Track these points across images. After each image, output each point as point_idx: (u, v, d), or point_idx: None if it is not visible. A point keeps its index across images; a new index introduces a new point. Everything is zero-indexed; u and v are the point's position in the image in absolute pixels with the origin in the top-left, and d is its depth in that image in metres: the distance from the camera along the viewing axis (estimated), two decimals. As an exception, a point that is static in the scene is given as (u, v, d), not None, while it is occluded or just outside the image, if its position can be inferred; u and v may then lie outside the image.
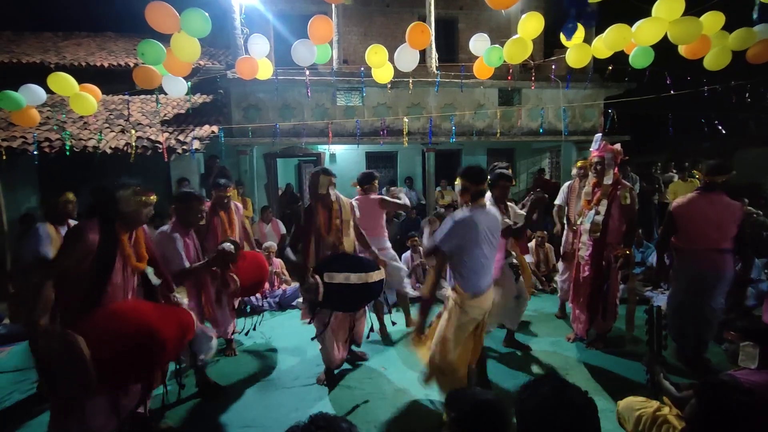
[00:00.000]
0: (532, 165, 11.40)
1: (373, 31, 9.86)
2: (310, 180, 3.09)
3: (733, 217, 3.09)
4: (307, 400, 3.00)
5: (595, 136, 3.65)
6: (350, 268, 2.81)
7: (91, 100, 4.58)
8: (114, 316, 2.02)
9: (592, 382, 3.09)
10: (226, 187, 3.67)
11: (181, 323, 2.21)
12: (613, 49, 4.20)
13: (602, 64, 5.52)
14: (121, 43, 10.63)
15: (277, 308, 5.01)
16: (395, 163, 10.83)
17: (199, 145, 6.66)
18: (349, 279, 2.75)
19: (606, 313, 3.53)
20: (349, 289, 2.77)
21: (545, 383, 1.18)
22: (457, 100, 8.44)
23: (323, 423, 0.90)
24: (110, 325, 1.97)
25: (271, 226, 6.49)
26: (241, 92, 7.72)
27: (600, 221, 3.44)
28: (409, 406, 2.87)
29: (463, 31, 10.15)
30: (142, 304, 2.23)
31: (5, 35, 10.28)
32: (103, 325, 1.97)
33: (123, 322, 1.99)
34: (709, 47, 4.18)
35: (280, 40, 8.25)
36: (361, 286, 2.80)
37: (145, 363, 2.02)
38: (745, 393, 1.33)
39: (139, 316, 2.05)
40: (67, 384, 1.90)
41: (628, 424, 2.30)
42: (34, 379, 3.34)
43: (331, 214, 3.01)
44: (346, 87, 8.11)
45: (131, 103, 7.82)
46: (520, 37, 4.32)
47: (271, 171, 9.23)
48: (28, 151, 5.95)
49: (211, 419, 2.75)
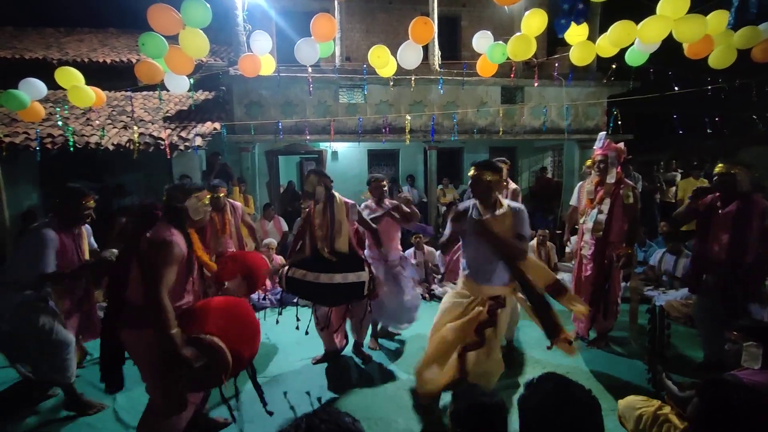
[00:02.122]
0: (534, 164, 11.38)
1: (376, 27, 9.84)
2: (305, 180, 3.25)
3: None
4: (308, 396, 3.01)
5: (599, 135, 3.63)
6: (311, 267, 3.00)
7: (89, 91, 4.55)
8: (234, 317, 2.11)
9: (593, 381, 3.09)
10: (218, 188, 3.63)
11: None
12: (618, 46, 4.18)
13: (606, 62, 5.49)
14: (123, 39, 10.61)
15: (278, 305, 5.01)
16: (397, 161, 10.82)
17: (201, 141, 6.66)
18: (305, 276, 2.96)
19: (607, 312, 3.52)
20: (305, 285, 2.98)
21: (549, 381, 1.18)
22: (460, 97, 8.42)
23: (327, 417, 0.90)
24: (237, 324, 2.08)
25: (273, 224, 6.50)
26: (243, 89, 7.72)
27: (603, 220, 3.43)
28: (410, 403, 2.88)
29: (465, 29, 10.12)
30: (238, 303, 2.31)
31: (7, 31, 10.28)
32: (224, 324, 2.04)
33: (246, 321, 2.15)
34: (713, 46, 4.15)
35: (283, 37, 8.24)
36: (314, 284, 2.96)
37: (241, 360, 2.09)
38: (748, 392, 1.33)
39: (250, 314, 2.21)
40: (201, 381, 1.99)
41: (629, 423, 2.30)
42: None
43: (323, 212, 3.10)
44: (348, 84, 8.10)
45: (133, 99, 7.82)
46: (523, 34, 4.30)
47: (273, 168, 9.23)
48: (31, 147, 5.95)
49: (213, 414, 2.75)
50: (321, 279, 2.96)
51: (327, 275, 2.96)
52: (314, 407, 2.89)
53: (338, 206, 3.10)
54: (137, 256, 2.04)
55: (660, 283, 4.93)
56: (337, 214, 3.08)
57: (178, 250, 2.03)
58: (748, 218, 2.89)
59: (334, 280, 2.95)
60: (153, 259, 1.97)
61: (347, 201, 3.19)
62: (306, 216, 3.26)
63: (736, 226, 2.94)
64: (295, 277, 3.00)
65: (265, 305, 4.92)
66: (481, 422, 1.43)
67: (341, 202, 3.14)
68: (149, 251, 2.00)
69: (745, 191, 2.93)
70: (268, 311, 4.76)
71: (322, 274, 2.96)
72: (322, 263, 3.02)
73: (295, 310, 3.34)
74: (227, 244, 3.73)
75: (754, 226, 2.88)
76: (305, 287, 3.02)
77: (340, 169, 9.80)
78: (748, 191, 2.93)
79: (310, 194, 3.12)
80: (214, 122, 7.22)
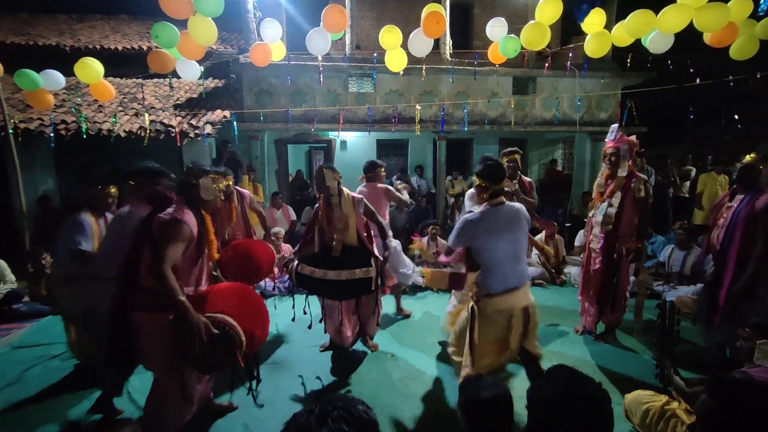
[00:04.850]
0: (545, 156, 11.24)
1: (387, 16, 9.71)
2: (315, 174, 3.25)
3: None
4: (317, 383, 3.06)
5: (611, 127, 3.57)
6: (318, 263, 3.06)
7: (110, 87, 4.68)
8: (244, 297, 2.16)
9: (600, 375, 3.08)
10: (225, 175, 3.64)
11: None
12: (635, 36, 4.06)
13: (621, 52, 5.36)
14: (135, 26, 10.64)
15: (286, 293, 5.07)
16: (406, 152, 10.76)
17: (212, 129, 6.68)
18: (313, 273, 3.03)
19: (615, 306, 3.50)
20: (314, 281, 3.05)
21: (559, 373, 1.18)
22: (471, 88, 8.31)
23: (340, 404, 0.91)
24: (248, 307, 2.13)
25: (282, 212, 6.53)
26: (253, 77, 7.70)
27: (613, 213, 3.39)
28: (415, 391, 2.92)
29: (478, 17, 9.94)
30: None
31: (21, 17, 10.36)
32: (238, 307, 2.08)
33: (256, 302, 2.21)
34: (737, 35, 4.00)
35: (293, 24, 8.18)
36: (322, 280, 3.02)
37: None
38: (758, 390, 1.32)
39: (258, 297, 2.29)
40: (214, 361, 2.01)
41: (636, 418, 2.30)
42: (50, 355, 3.46)
43: (330, 207, 3.13)
44: (358, 73, 8.04)
45: (144, 87, 7.86)
46: (538, 22, 4.20)
47: (282, 157, 9.25)
48: (45, 133, 6.03)
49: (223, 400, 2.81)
50: (328, 276, 2.99)
51: (334, 272, 2.99)
52: (321, 394, 2.94)
53: (345, 200, 3.13)
54: (149, 238, 2.07)
55: (669, 278, 4.87)
56: (345, 208, 3.10)
57: (186, 229, 2.05)
58: (748, 213, 2.85)
59: (341, 277, 2.98)
60: (160, 235, 2.00)
61: (354, 195, 3.22)
62: (315, 210, 3.30)
63: (732, 219, 2.91)
64: (304, 273, 3.06)
65: (273, 293, 4.98)
66: (489, 411, 1.44)
67: (348, 196, 3.16)
68: (158, 229, 2.03)
69: (761, 187, 2.89)
70: (276, 299, 4.82)
71: (330, 271, 3.00)
72: (330, 260, 3.06)
73: (304, 299, 3.38)
74: (234, 232, 3.75)
75: (755, 222, 2.82)
76: (314, 283, 3.07)
77: (349, 158, 9.78)
78: (763, 188, 2.89)
79: (325, 188, 3.14)
80: (223, 110, 7.23)
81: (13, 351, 3.61)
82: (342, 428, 0.86)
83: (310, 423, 0.87)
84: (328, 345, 3.56)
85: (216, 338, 1.93)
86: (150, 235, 2.07)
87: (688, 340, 3.50)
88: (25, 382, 3.08)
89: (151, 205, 2.23)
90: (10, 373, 3.20)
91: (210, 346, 1.91)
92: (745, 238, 2.85)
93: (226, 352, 1.96)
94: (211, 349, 1.92)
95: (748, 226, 2.84)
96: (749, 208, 2.84)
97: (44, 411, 2.72)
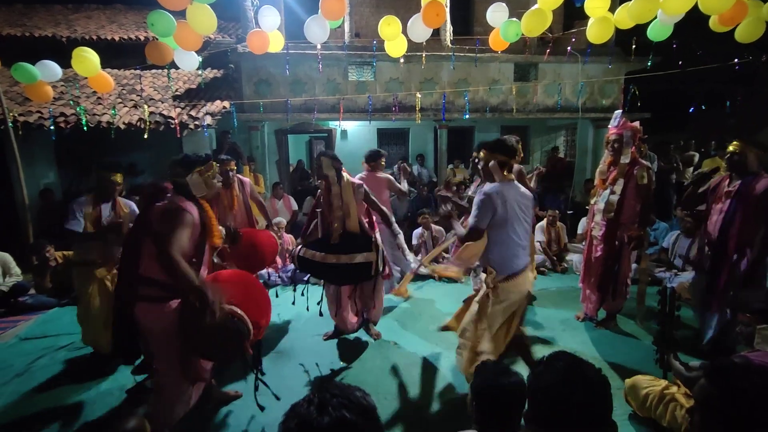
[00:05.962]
0: (547, 143, 11.15)
1: (386, 2, 9.54)
2: (315, 162, 3.28)
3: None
4: (319, 371, 3.10)
5: (614, 113, 3.53)
6: (320, 247, 3.11)
7: (108, 78, 4.63)
8: (248, 286, 2.18)
9: (600, 361, 3.11)
10: (228, 162, 3.66)
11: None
12: (639, 20, 3.97)
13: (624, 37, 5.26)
14: (131, 16, 10.51)
15: (289, 283, 5.09)
16: (407, 140, 10.70)
17: (211, 120, 6.64)
18: (314, 257, 3.07)
19: (616, 293, 3.51)
20: (315, 264, 3.10)
21: (559, 359, 1.19)
22: (471, 75, 8.21)
23: (338, 392, 0.92)
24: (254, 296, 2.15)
25: (283, 202, 6.53)
26: (252, 67, 7.63)
27: (615, 201, 3.37)
28: (418, 379, 2.95)
29: (479, 3, 9.75)
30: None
31: (17, 8, 10.23)
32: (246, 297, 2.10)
33: (259, 291, 2.23)
34: (746, 14, 3.87)
35: (290, 12, 8.06)
36: (323, 264, 3.07)
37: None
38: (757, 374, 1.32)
39: (260, 285, 2.32)
40: (222, 350, 2.03)
41: (635, 402, 2.33)
42: (57, 346, 3.51)
43: (330, 194, 3.14)
44: (358, 62, 7.95)
45: (142, 78, 7.79)
46: (539, 8, 4.13)
47: (283, 147, 9.21)
48: (45, 126, 6.01)
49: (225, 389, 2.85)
50: (328, 260, 3.05)
51: (335, 256, 3.05)
52: (324, 382, 2.97)
53: (346, 188, 3.12)
54: (150, 229, 2.07)
55: (672, 265, 4.87)
56: (345, 195, 3.11)
57: (189, 216, 2.05)
58: (746, 198, 2.83)
59: (342, 261, 3.04)
60: (164, 222, 1.99)
61: (354, 181, 3.21)
62: (318, 198, 3.34)
63: (731, 205, 2.89)
64: (306, 256, 3.11)
65: (276, 283, 5.01)
66: (504, 398, 1.45)
67: (348, 182, 3.16)
68: (160, 218, 2.02)
69: (754, 171, 2.87)
70: (279, 288, 4.85)
71: (330, 255, 3.06)
72: (332, 244, 3.10)
73: (306, 288, 3.40)
74: (236, 220, 3.76)
75: (752, 206, 2.80)
76: (315, 267, 3.13)
77: (349, 148, 9.73)
78: (756, 171, 2.87)
79: (324, 176, 3.16)
80: (223, 101, 7.18)
81: (20, 342, 3.67)
82: (343, 415, 0.86)
83: (311, 413, 0.86)
84: (331, 334, 3.60)
85: (225, 328, 1.94)
86: (149, 224, 2.06)
87: (689, 326, 3.52)
88: (32, 373, 3.13)
89: (146, 197, 2.23)
90: (18, 364, 3.26)
91: (219, 335, 1.92)
92: (744, 222, 2.84)
93: (234, 341, 1.98)
94: (221, 338, 1.93)
95: (747, 210, 2.83)
96: (747, 192, 2.83)
97: (52, 400, 2.77)
